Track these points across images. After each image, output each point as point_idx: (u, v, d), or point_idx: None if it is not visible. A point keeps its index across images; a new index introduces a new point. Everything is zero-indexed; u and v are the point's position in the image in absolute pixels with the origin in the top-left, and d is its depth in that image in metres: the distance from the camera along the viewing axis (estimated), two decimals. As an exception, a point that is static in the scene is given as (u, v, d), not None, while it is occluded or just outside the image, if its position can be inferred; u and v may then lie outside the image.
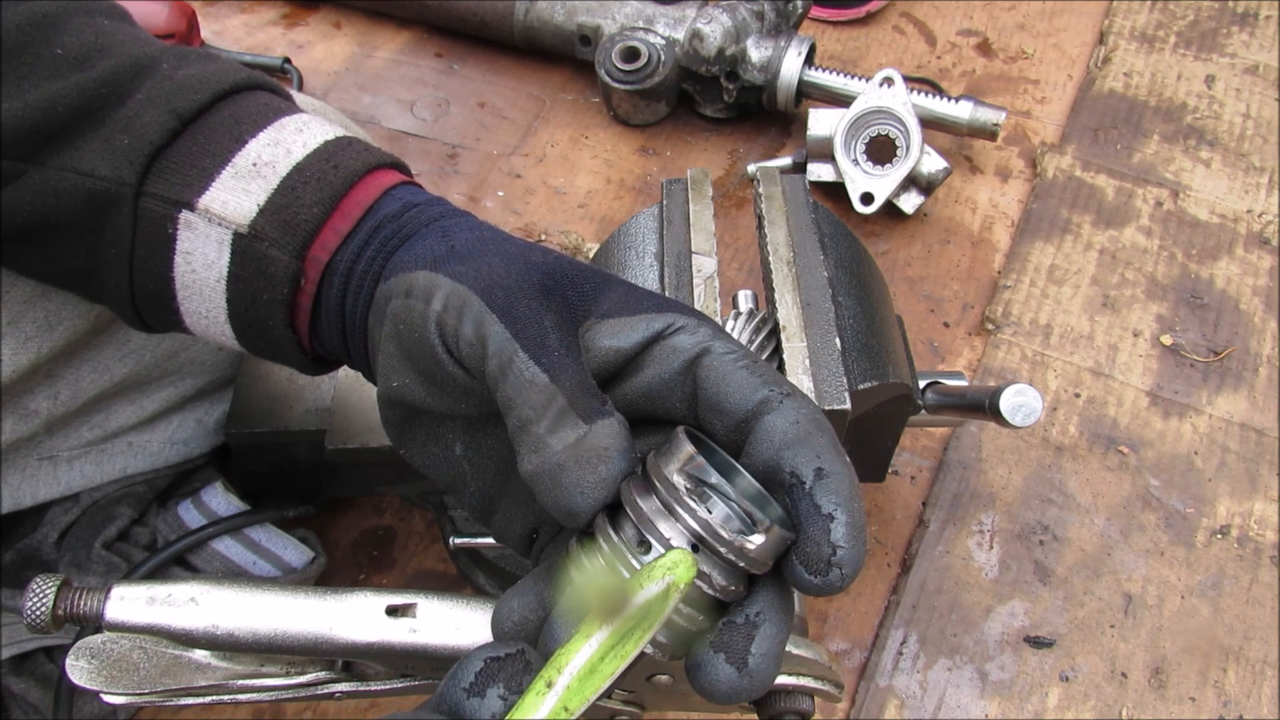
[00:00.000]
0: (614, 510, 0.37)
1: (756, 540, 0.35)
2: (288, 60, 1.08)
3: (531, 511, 0.45)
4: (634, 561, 0.35)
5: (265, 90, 0.50)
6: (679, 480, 0.35)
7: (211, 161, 0.47)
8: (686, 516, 0.34)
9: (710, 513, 0.34)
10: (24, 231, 0.49)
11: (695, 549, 0.35)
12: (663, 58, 1.00)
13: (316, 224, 0.46)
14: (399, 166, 0.49)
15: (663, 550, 0.34)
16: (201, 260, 0.47)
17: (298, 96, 0.67)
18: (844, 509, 0.35)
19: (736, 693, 0.36)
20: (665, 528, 0.35)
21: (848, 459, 0.37)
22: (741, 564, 0.35)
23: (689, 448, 0.35)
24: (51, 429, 0.63)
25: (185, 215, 0.46)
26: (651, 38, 1.00)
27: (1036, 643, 0.72)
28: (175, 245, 0.47)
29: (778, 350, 0.58)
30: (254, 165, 0.47)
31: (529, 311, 0.40)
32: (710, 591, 0.35)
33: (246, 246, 0.46)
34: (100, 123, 0.47)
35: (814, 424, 0.37)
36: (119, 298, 0.49)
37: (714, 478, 0.35)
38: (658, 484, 0.35)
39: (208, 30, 1.12)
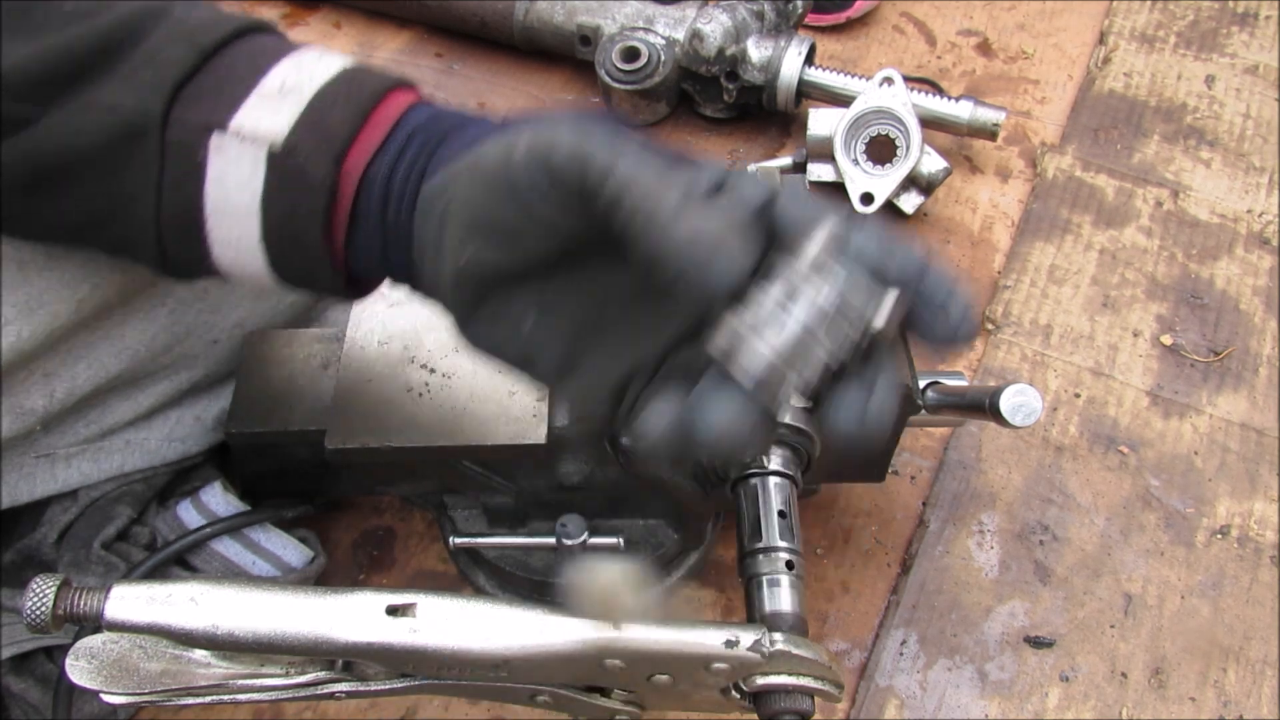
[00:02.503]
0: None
1: (889, 300, 0.37)
2: (288, 60, 1.08)
3: (622, 359, 0.45)
4: (784, 316, 0.36)
5: (274, 33, 0.52)
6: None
7: (237, 88, 0.48)
8: (824, 281, 0.37)
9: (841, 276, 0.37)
10: (44, 175, 0.49)
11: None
12: (663, 58, 1.00)
13: (349, 136, 0.47)
14: (415, 87, 0.51)
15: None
16: (235, 182, 0.48)
17: None
18: (953, 286, 0.39)
19: (864, 438, 0.38)
20: (810, 288, 0.36)
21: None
22: (875, 321, 0.37)
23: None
24: (48, 427, 0.62)
25: (216, 139, 0.47)
26: (651, 38, 1.00)
27: (1036, 643, 0.72)
28: (206, 171, 0.48)
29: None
30: (280, 88, 0.48)
31: (612, 129, 0.41)
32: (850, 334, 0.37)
33: (282, 162, 0.47)
34: (118, 62, 0.48)
35: (893, 239, 0.39)
36: (144, 237, 0.49)
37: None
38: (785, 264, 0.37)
39: (208, 30, 1.12)
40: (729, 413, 0.38)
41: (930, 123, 0.95)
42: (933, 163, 0.93)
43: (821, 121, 0.95)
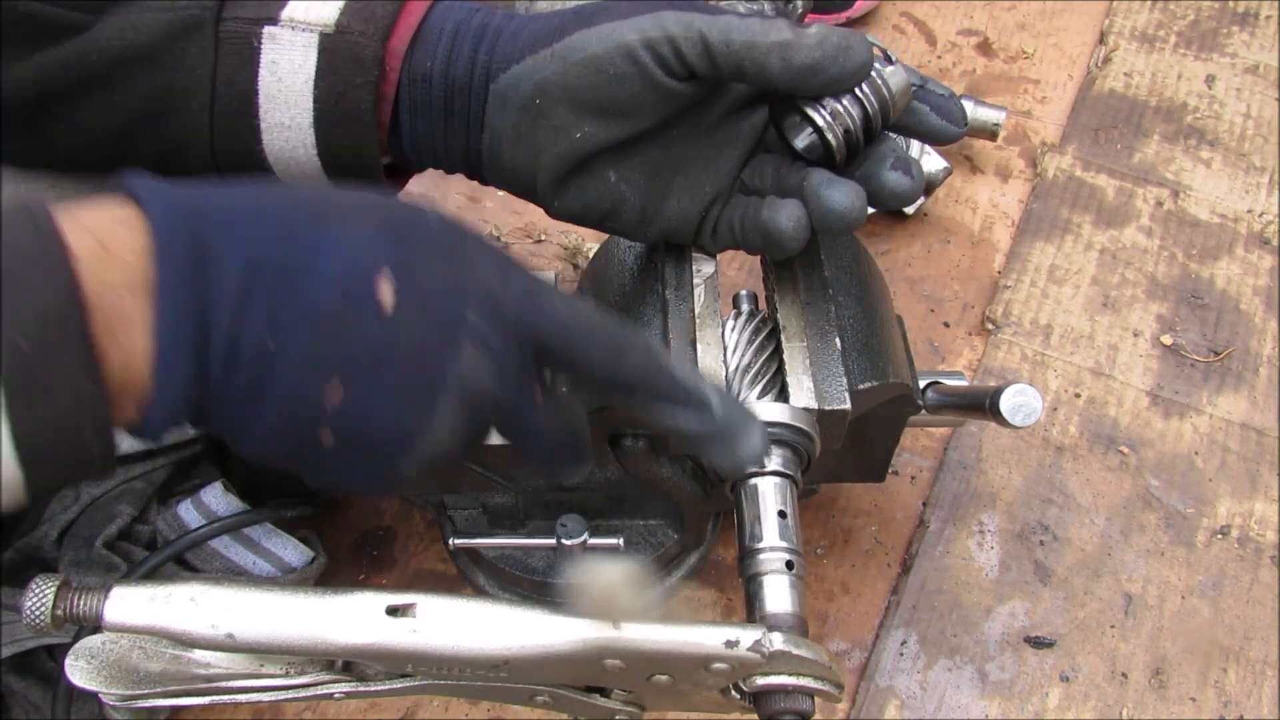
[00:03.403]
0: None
1: (898, 72, 0.52)
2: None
3: (705, 187, 0.56)
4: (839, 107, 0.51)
5: None
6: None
7: None
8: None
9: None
10: (98, 74, 0.51)
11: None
12: (663, 57, 1.00)
13: (392, 18, 0.51)
14: None
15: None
16: (288, 66, 0.51)
17: None
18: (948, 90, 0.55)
19: (914, 193, 0.54)
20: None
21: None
22: (888, 91, 0.51)
23: None
24: None
25: (269, 29, 0.51)
26: (652, 37, 1.00)
27: (1037, 643, 0.72)
28: (260, 58, 0.51)
29: (778, 350, 0.58)
30: None
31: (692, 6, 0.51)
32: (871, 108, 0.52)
33: (334, 43, 0.51)
34: None
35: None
36: (197, 129, 0.53)
37: None
38: None
39: (208, 30, 1.12)
40: (848, 192, 0.52)
41: (930, 123, 0.95)
42: (933, 162, 0.93)
43: (822, 121, 0.94)
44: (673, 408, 0.44)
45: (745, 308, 0.62)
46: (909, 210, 0.94)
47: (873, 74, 0.51)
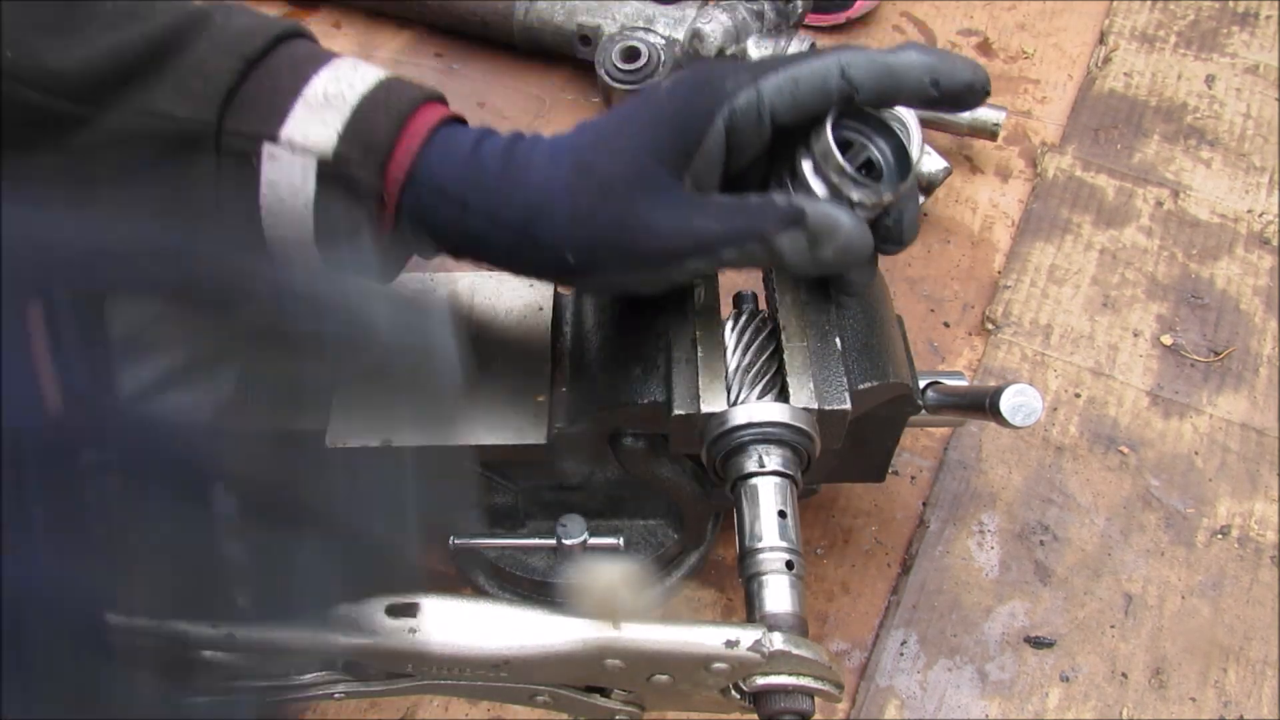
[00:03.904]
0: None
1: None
2: (288, 60, 1.08)
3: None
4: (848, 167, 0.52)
5: (309, 38, 0.56)
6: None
7: (283, 97, 0.52)
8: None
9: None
10: (100, 175, 0.53)
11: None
12: (663, 58, 1.00)
13: (390, 144, 0.53)
14: (443, 99, 0.57)
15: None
16: (287, 188, 0.52)
17: None
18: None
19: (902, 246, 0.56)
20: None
21: None
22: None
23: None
24: None
25: (268, 147, 0.52)
26: (651, 38, 1.00)
27: (1037, 643, 0.72)
28: (260, 176, 0.52)
29: (778, 350, 0.58)
30: (324, 98, 0.52)
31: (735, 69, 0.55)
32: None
33: (332, 171, 0.52)
34: (165, 69, 0.52)
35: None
36: (201, 215, 0.54)
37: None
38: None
39: (208, 30, 1.12)
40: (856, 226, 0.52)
41: (930, 122, 0.95)
42: (933, 163, 0.93)
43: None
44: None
45: (745, 308, 0.62)
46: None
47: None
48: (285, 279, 0.44)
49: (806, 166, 0.52)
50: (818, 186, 0.52)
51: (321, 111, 0.52)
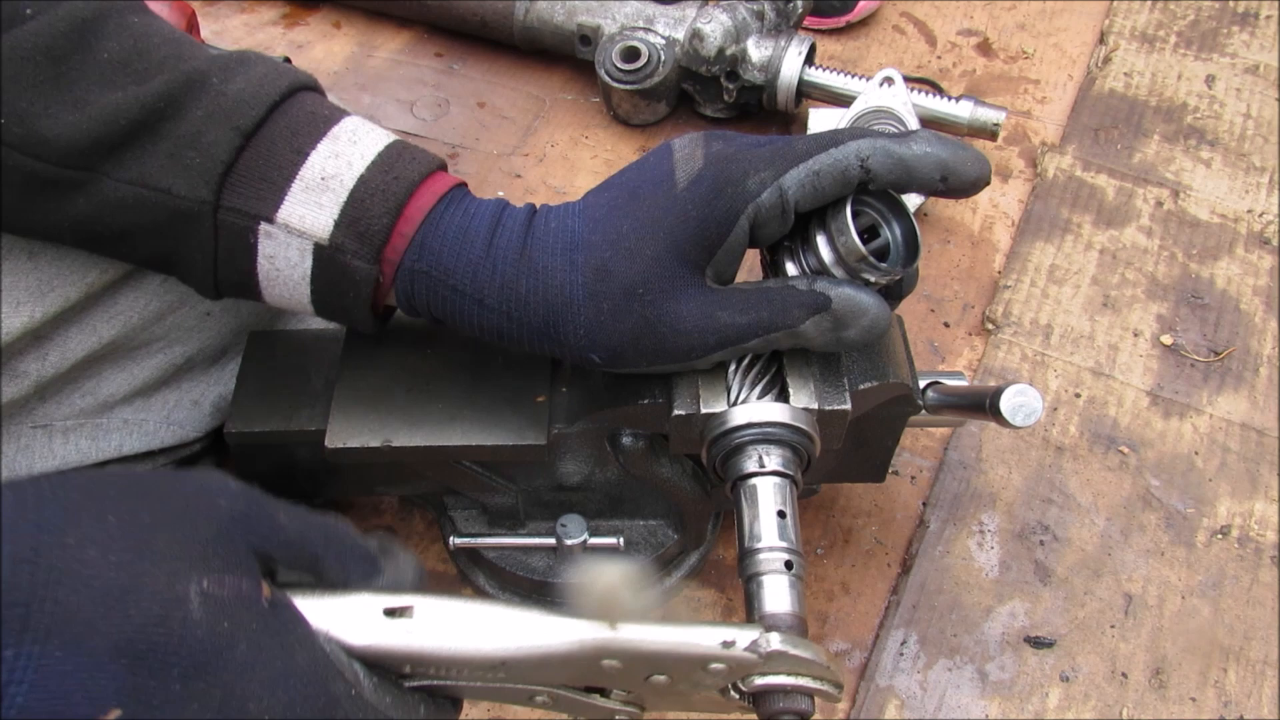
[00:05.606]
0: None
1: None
2: (288, 60, 1.07)
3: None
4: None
5: (306, 89, 0.56)
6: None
7: (280, 175, 0.52)
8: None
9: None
10: (97, 237, 0.54)
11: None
12: (663, 58, 1.00)
13: (387, 232, 0.53)
14: (445, 168, 0.57)
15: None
16: (285, 262, 0.54)
17: None
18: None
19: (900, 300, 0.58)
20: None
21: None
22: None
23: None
24: (43, 394, 0.63)
25: (265, 227, 0.53)
26: (651, 38, 1.00)
27: (1037, 643, 0.72)
28: (257, 250, 0.53)
29: (778, 350, 0.58)
30: (321, 179, 0.53)
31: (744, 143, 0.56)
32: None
33: (328, 256, 0.53)
34: (160, 136, 0.52)
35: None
36: (202, 285, 0.56)
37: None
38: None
39: (207, 30, 1.12)
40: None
41: (930, 123, 0.95)
42: (933, 163, 0.93)
43: (822, 121, 0.95)
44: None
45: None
46: (909, 209, 0.94)
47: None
48: None
49: (821, 240, 0.53)
50: (828, 254, 0.53)
51: (318, 194, 0.52)
